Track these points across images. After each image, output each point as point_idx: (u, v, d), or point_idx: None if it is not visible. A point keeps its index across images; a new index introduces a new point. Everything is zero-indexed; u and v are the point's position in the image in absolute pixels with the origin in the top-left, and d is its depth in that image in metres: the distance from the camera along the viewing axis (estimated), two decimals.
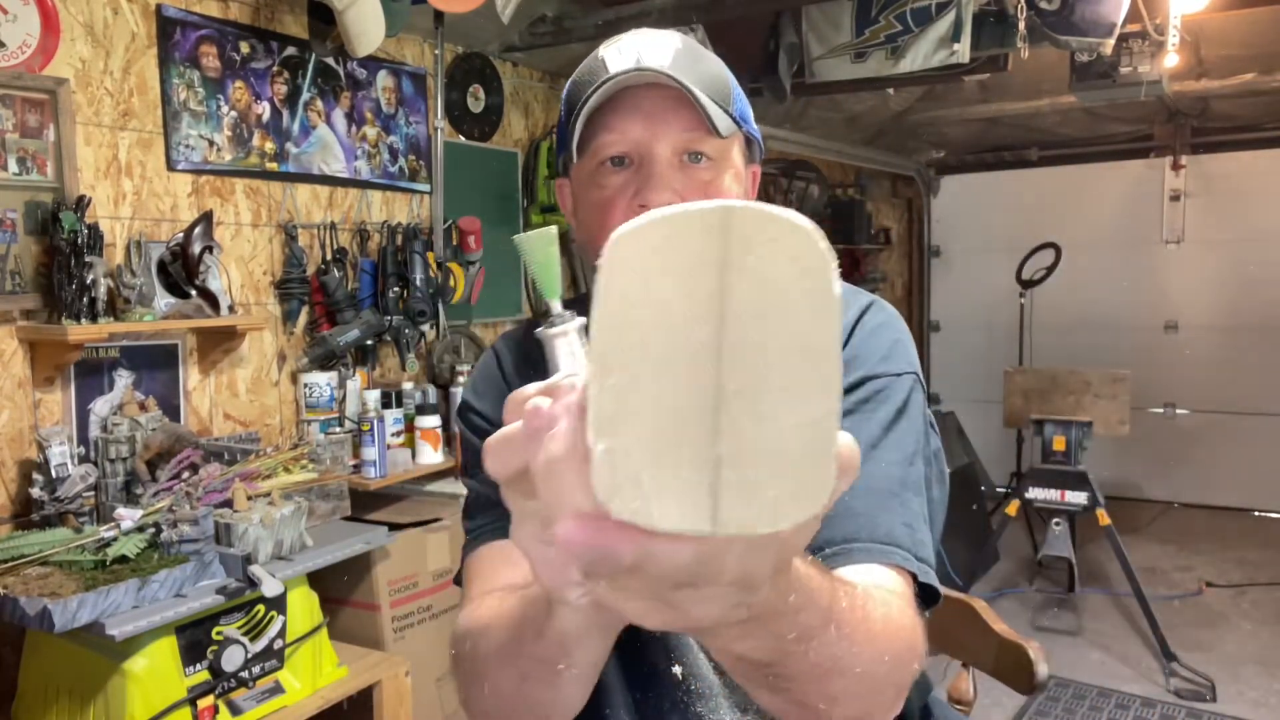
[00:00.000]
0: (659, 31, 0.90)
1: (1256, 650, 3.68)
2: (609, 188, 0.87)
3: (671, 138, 0.85)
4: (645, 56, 0.85)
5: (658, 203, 0.83)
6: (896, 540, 0.78)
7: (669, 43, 0.88)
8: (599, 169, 0.88)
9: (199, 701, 1.85)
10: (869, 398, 0.86)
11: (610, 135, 0.86)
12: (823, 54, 3.36)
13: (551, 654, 0.62)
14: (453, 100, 3.31)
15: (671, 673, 0.92)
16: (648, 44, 0.87)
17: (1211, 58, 4.20)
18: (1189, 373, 5.81)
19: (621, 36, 0.89)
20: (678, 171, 0.86)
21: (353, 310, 2.85)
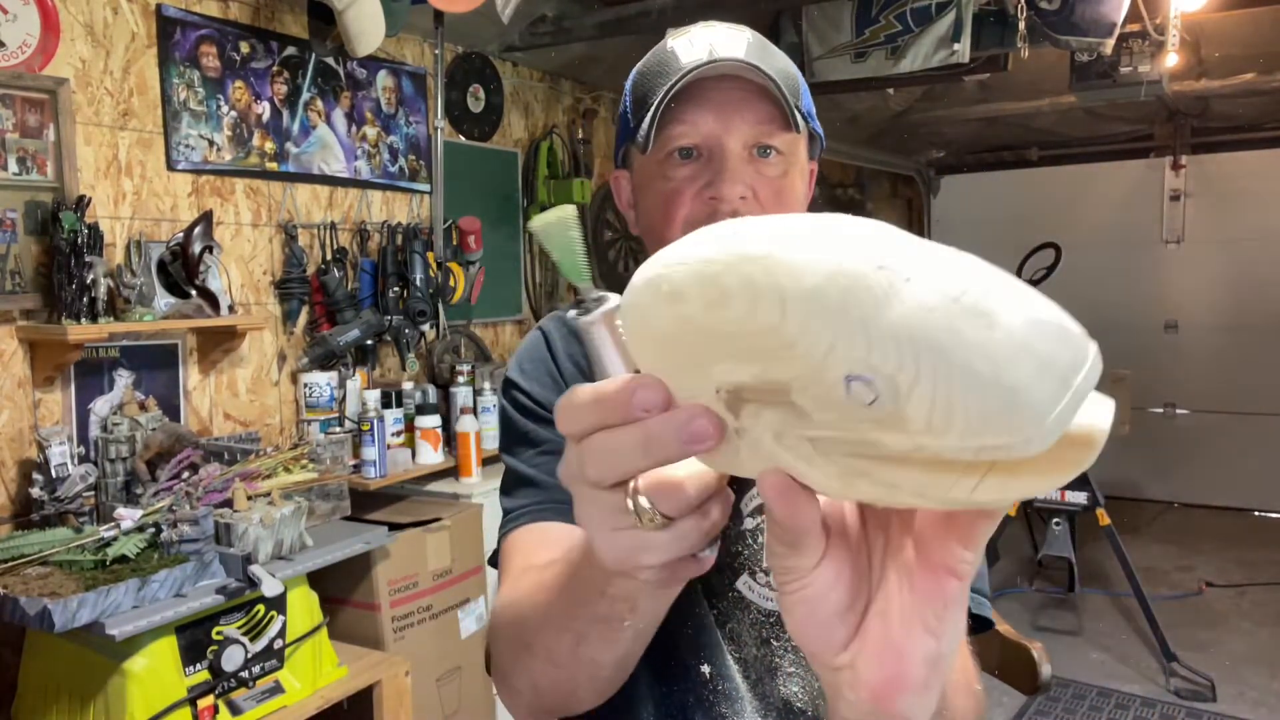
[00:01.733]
0: (728, 25, 0.89)
1: (1256, 650, 3.68)
2: (676, 179, 0.86)
3: (743, 131, 0.84)
4: (718, 48, 0.84)
5: (729, 196, 0.83)
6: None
7: (740, 36, 0.87)
8: (667, 160, 0.86)
9: (199, 701, 1.85)
10: None
11: (681, 127, 0.84)
12: (823, 54, 3.35)
13: (616, 611, 0.60)
14: (453, 100, 3.31)
15: (700, 670, 0.92)
16: (719, 37, 0.86)
17: (1211, 58, 4.20)
18: (1189, 373, 5.81)
19: (689, 28, 0.88)
20: (748, 165, 0.85)
21: (353, 310, 2.85)
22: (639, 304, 0.38)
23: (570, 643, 0.66)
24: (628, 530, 0.44)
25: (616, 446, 0.41)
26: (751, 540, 0.91)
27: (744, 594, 0.91)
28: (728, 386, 0.37)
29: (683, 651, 0.92)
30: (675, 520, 0.43)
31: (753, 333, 0.33)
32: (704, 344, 0.36)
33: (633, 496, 0.43)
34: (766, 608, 0.91)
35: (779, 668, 0.91)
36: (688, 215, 0.85)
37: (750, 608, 0.91)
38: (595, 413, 0.41)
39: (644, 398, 0.39)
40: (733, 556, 0.91)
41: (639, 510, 0.43)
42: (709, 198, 0.84)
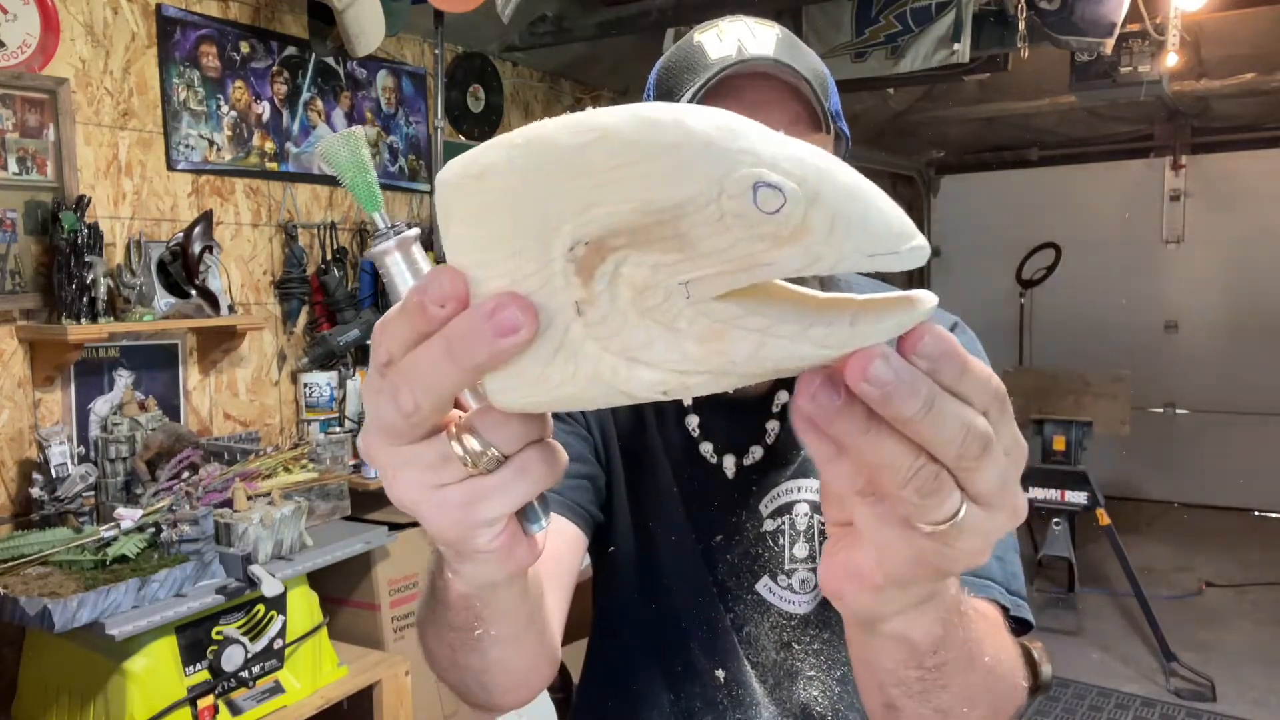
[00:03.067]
0: (757, 19, 0.86)
1: (1256, 650, 3.68)
2: None
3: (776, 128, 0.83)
4: (748, 45, 0.82)
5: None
6: (990, 575, 0.79)
7: (769, 31, 0.85)
8: None
9: (199, 701, 1.85)
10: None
11: None
12: (823, 54, 3.35)
13: (464, 620, 0.56)
14: (453, 100, 3.31)
15: (714, 675, 0.91)
16: (748, 32, 0.84)
17: (1211, 58, 4.20)
18: (1189, 373, 5.81)
19: (718, 22, 0.86)
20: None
21: (353, 310, 2.85)
22: (460, 181, 0.34)
23: (447, 653, 0.63)
24: (458, 483, 0.38)
25: (419, 362, 0.36)
26: (772, 542, 0.90)
27: (764, 597, 0.90)
28: (588, 238, 0.33)
29: (696, 656, 0.92)
30: (512, 455, 0.38)
31: (645, 158, 0.32)
32: (553, 198, 0.33)
33: (457, 439, 0.38)
34: (788, 610, 0.90)
35: (799, 672, 0.90)
36: None
37: (770, 610, 0.90)
38: (404, 326, 0.36)
39: (436, 289, 0.35)
40: (752, 559, 0.90)
41: (468, 452, 0.38)
42: None
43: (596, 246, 0.34)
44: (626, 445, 0.94)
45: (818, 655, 0.90)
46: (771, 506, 0.90)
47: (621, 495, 0.94)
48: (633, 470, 0.94)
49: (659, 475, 0.93)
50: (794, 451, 0.90)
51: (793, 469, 0.90)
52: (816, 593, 0.89)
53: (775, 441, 0.91)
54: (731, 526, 0.91)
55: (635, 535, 0.94)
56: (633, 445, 0.94)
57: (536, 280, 0.34)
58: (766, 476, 0.91)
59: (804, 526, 0.89)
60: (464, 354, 0.35)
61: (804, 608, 0.90)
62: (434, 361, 0.35)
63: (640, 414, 0.95)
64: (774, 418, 0.91)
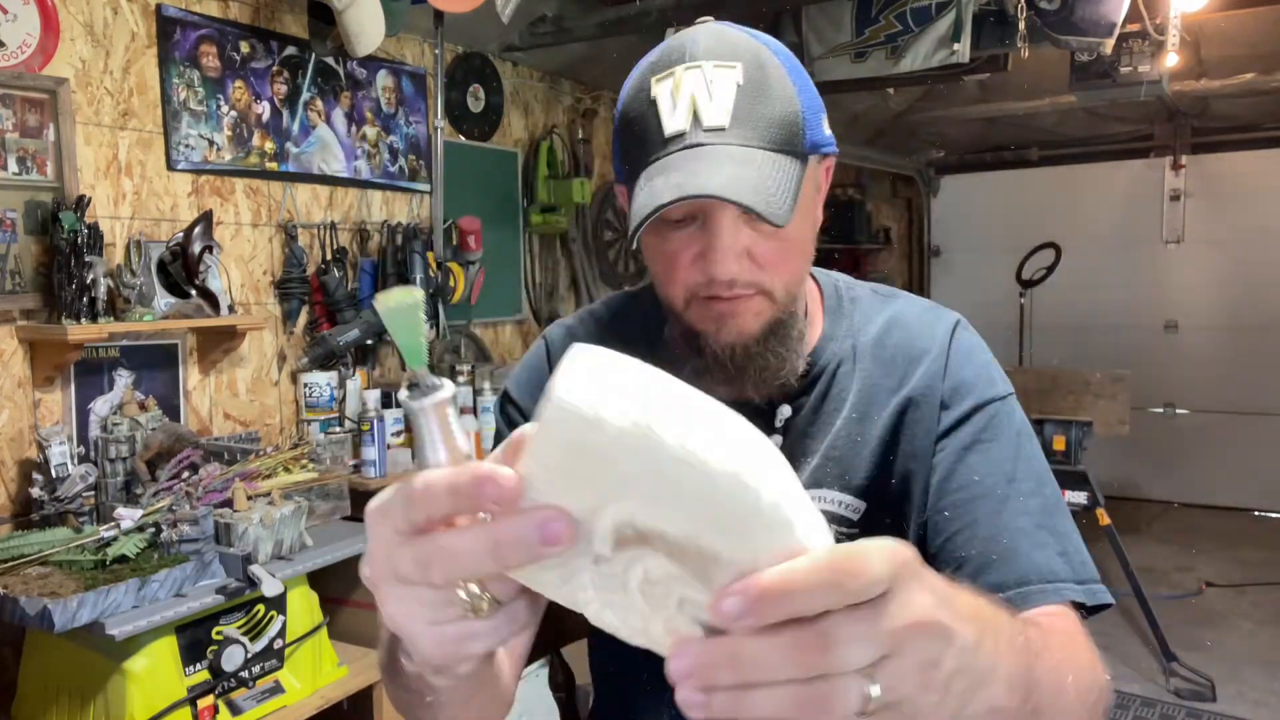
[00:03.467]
0: (717, 69, 0.79)
1: (1256, 650, 3.68)
2: (673, 241, 0.83)
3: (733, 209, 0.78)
4: (702, 114, 0.78)
5: (723, 275, 0.80)
6: (1058, 574, 0.80)
7: (727, 88, 0.79)
8: (661, 222, 0.81)
9: (199, 701, 1.85)
10: (986, 426, 0.86)
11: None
12: (823, 54, 3.36)
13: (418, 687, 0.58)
14: (453, 100, 3.31)
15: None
16: (704, 90, 0.79)
17: (1211, 58, 4.20)
18: (1189, 373, 5.81)
19: (675, 71, 0.80)
20: (743, 229, 0.80)
21: (353, 310, 2.85)
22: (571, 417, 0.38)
23: (401, 696, 0.66)
24: (454, 622, 0.43)
25: (460, 548, 0.40)
26: None
27: None
28: (639, 528, 0.39)
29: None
30: (505, 604, 0.43)
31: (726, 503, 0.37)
32: (635, 481, 0.38)
33: (464, 587, 0.42)
34: None
35: None
36: (685, 280, 0.83)
37: None
38: (449, 501, 0.40)
39: (496, 490, 0.39)
40: None
41: (470, 597, 0.42)
42: (705, 276, 0.81)
43: (641, 535, 0.39)
44: None
45: None
46: None
47: None
48: None
49: None
50: (800, 460, 0.91)
51: (805, 480, 0.90)
52: None
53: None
54: None
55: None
56: None
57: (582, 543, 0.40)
58: None
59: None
60: (507, 554, 0.39)
61: None
62: (475, 552, 0.39)
63: None
64: (776, 431, 0.92)
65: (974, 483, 0.84)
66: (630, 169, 0.83)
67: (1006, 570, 0.79)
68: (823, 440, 0.90)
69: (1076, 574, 0.80)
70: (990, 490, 0.83)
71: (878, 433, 0.89)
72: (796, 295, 0.88)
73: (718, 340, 0.84)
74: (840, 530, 0.89)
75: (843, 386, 0.91)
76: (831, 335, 0.94)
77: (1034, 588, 0.78)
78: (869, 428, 0.90)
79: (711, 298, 0.83)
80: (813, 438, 0.91)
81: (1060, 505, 0.85)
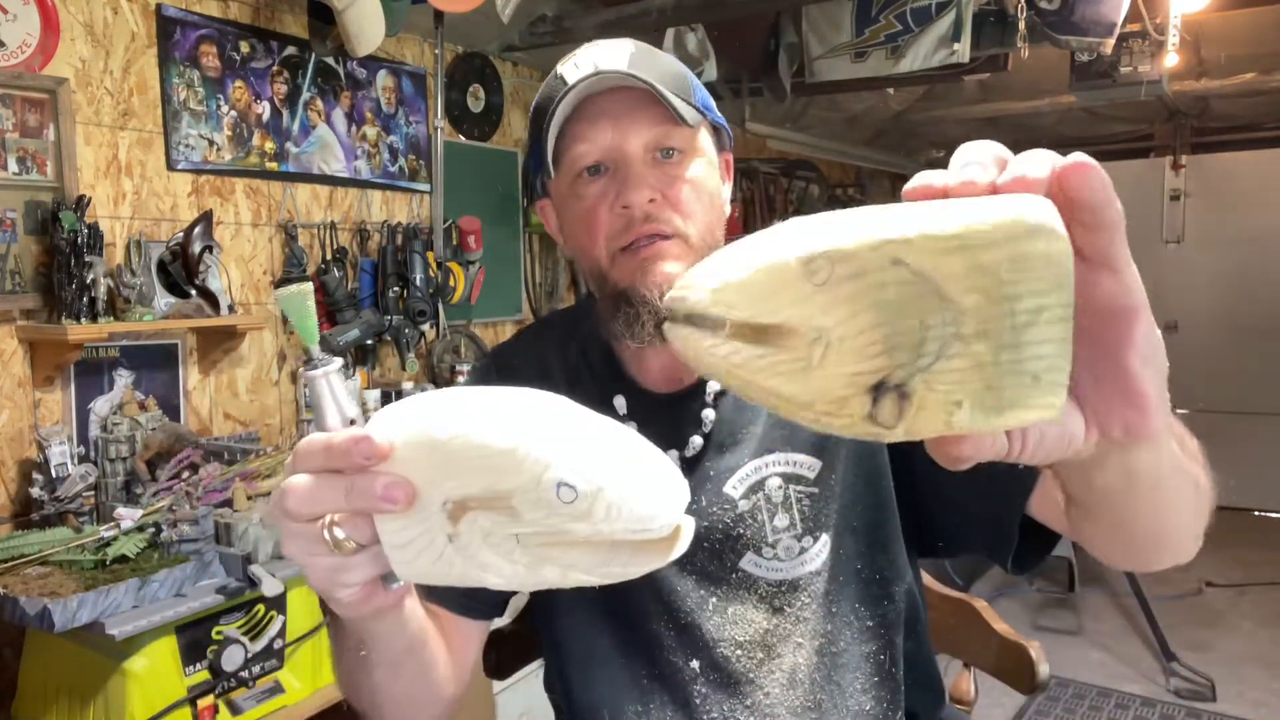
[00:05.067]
0: (610, 40, 0.91)
1: (1256, 650, 3.68)
2: (589, 197, 0.89)
3: (641, 135, 0.87)
4: (602, 63, 0.87)
5: (637, 201, 0.86)
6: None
7: (622, 48, 0.89)
8: (576, 181, 0.89)
9: (199, 701, 1.85)
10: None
11: (581, 145, 0.87)
12: (823, 54, 3.35)
13: (353, 642, 0.70)
14: (453, 100, 3.31)
15: (690, 667, 0.92)
16: (601, 52, 0.89)
17: (1211, 58, 4.20)
18: (1189, 373, 5.81)
19: (575, 51, 0.91)
20: (652, 169, 0.88)
21: (353, 310, 2.85)
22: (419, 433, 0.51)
23: (346, 673, 0.78)
24: (326, 556, 0.53)
25: (322, 487, 0.52)
26: (751, 519, 0.92)
27: (750, 571, 0.92)
28: (455, 499, 0.50)
29: (664, 657, 0.93)
30: (368, 546, 0.53)
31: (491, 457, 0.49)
32: (436, 470, 0.50)
33: (329, 529, 0.53)
34: (776, 579, 0.92)
35: (789, 635, 0.91)
36: (606, 230, 0.88)
37: (758, 583, 0.92)
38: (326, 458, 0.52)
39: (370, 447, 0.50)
40: (734, 540, 0.92)
41: (335, 540, 0.53)
42: (620, 208, 0.87)
43: (460, 505, 0.50)
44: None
45: (805, 622, 0.92)
46: (742, 488, 0.93)
47: None
48: None
49: None
50: (740, 431, 0.94)
51: (753, 448, 0.93)
52: (802, 558, 0.92)
53: (713, 429, 0.94)
54: (699, 514, 0.92)
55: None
56: None
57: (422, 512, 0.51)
58: (720, 460, 0.94)
59: (780, 499, 0.92)
60: (356, 499, 0.50)
61: (791, 573, 0.92)
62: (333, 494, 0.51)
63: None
64: (708, 406, 0.95)
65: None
66: (543, 132, 0.88)
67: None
68: (757, 408, 0.92)
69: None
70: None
71: None
72: (714, 248, 0.90)
73: (646, 287, 0.87)
74: (799, 489, 0.92)
75: None
76: None
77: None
78: None
79: (631, 247, 0.87)
80: (746, 408, 0.94)
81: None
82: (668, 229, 0.87)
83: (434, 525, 0.51)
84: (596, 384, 0.99)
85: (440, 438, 0.50)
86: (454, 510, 0.50)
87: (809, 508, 0.92)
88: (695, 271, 0.46)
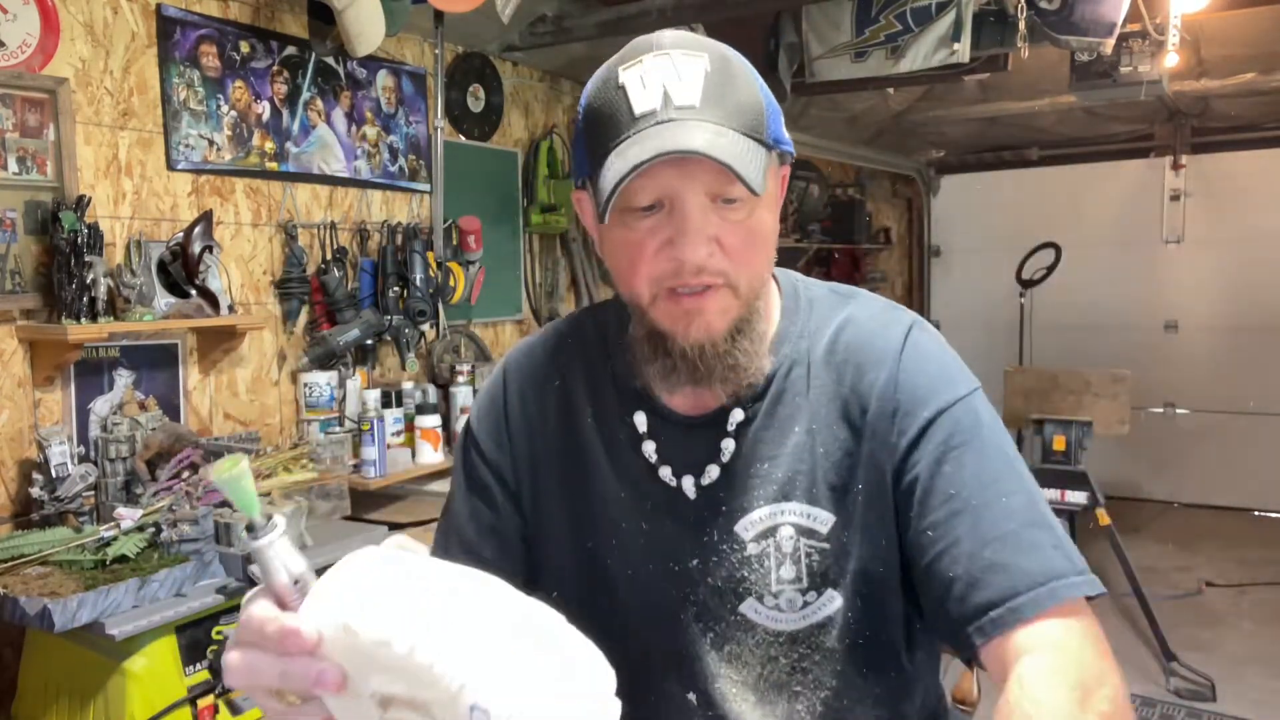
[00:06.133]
0: (685, 57, 0.80)
1: (1257, 650, 3.68)
2: (639, 230, 0.81)
3: (704, 182, 0.79)
4: (673, 93, 0.78)
5: (693, 258, 0.79)
6: (1055, 572, 0.78)
7: (696, 73, 0.79)
8: (627, 213, 0.81)
9: (199, 701, 1.85)
10: (953, 431, 0.84)
11: (637, 181, 0.78)
12: (823, 53, 3.35)
13: None
14: (453, 100, 3.31)
15: (686, 699, 0.91)
16: (674, 73, 0.79)
17: (1211, 58, 4.20)
18: (1189, 373, 5.81)
19: (643, 59, 0.81)
20: (711, 215, 0.80)
21: (353, 310, 2.85)
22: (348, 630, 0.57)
23: None
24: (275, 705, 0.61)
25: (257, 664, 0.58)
26: (758, 565, 0.88)
27: (749, 617, 0.89)
28: (381, 693, 0.57)
29: (665, 683, 0.91)
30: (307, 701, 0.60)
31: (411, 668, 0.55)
32: (369, 663, 0.57)
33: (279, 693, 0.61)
34: (775, 628, 0.89)
35: (785, 684, 0.89)
36: (651, 270, 0.82)
37: (756, 629, 0.89)
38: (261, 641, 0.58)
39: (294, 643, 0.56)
40: (737, 582, 0.89)
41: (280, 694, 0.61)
42: (672, 258, 0.80)
43: (385, 699, 0.57)
44: (570, 480, 0.96)
45: (805, 673, 0.89)
46: (754, 531, 0.89)
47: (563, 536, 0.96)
48: (578, 503, 0.95)
49: (614, 506, 0.93)
50: (757, 466, 0.89)
51: (772, 492, 0.89)
52: (804, 612, 0.88)
53: (731, 460, 0.90)
54: (707, 548, 0.89)
55: (585, 570, 0.95)
56: (578, 480, 0.95)
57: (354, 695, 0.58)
58: (735, 495, 0.89)
59: (789, 549, 0.88)
60: (290, 682, 0.58)
61: (791, 625, 0.89)
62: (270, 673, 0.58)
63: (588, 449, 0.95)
64: (729, 436, 0.90)
65: (951, 497, 0.82)
66: (596, 156, 0.82)
67: (993, 587, 0.78)
68: (778, 447, 0.89)
69: (1071, 568, 0.79)
70: (967, 503, 0.81)
71: (836, 444, 0.88)
72: (760, 293, 0.87)
73: (686, 339, 0.83)
74: (811, 543, 0.88)
75: (797, 391, 0.90)
76: (785, 336, 0.92)
77: (1025, 598, 0.76)
78: (826, 438, 0.88)
79: (678, 292, 0.81)
80: (766, 443, 0.89)
81: (1038, 494, 0.84)
82: (719, 280, 0.81)
83: (366, 707, 0.58)
84: (619, 397, 0.94)
85: (365, 640, 0.56)
86: (383, 701, 0.57)
87: (818, 562, 0.88)
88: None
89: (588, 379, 0.97)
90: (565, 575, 0.96)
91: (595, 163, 0.81)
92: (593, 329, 1.01)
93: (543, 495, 0.97)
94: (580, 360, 0.99)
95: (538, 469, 0.97)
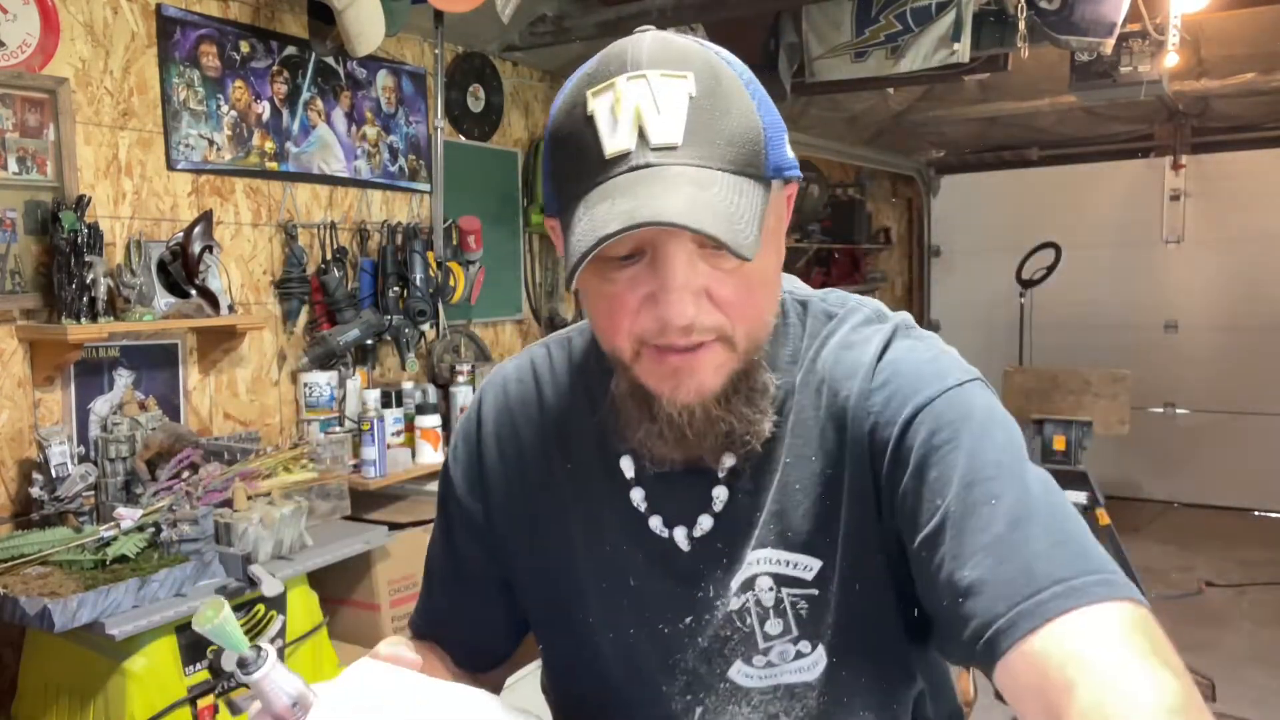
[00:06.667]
0: (664, 80, 0.68)
1: (1256, 650, 3.68)
2: (617, 282, 0.70)
3: (689, 235, 0.67)
4: (650, 129, 0.66)
5: (679, 319, 0.68)
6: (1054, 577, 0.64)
7: (677, 100, 0.67)
8: (603, 259, 0.69)
9: (199, 701, 1.85)
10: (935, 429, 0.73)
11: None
12: (823, 53, 3.35)
13: None
14: (453, 100, 3.31)
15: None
16: (650, 108, 0.67)
17: (1211, 58, 4.20)
18: (1189, 373, 5.81)
19: (615, 83, 0.68)
20: (699, 264, 0.69)
21: (353, 310, 2.85)
22: None
23: None
24: None
25: None
26: (740, 622, 0.80)
27: (739, 682, 0.81)
28: None
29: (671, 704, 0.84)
30: None
31: None
32: None
33: None
34: (769, 685, 0.81)
35: None
36: (633, 329, 0.71)
37: (750, 693, 0.81)
38: None
39: None
40: (721, 643, 0.81)
41: None
42: (655, 316, 0.69)
43: None
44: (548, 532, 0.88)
45: None
46: (734, 584, 0.80)
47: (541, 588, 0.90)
48: (559, 556, 0.87)
49: (598, 560, 0.84)
50: (749, 516, 0.80)
51: (752, 539, 0.79)
52: (798, 663, 0.80)
53: (724, 510, 0.80)
54: (700, 605, 0.81)
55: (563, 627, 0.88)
56: (558, 532, 0.87)
57: None
58: (729, 547, 0.80)
59: (770, 602, 0.79)
60: None
61: (785, 679, 0.81)
62: None
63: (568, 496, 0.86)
64: (720, 484, 0.80)
65: (936, 508, 0.70)
66: (564, 198, 0.71)
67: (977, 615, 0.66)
68: (766, 494, 0.79)
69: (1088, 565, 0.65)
70: (948, 514, 0.69)
71: (813, 479, 0.78)
72: (760, 343, 0.75)
73: (673, 402, 0.73)
74: (795, 592, 0.79)
75: (787, 428, 0.80)
76: (775, 364, 0.80)
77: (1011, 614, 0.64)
78: (803, 474, 0.79)
79: (664, 348, 0.71)
80: (760, 491, 0.80)
81: (1042, 487, 0.70)
82: (710, 337, 0.70)
83: None
84: (605, 440, 0.83)
85: None
86: None
87: (808, 611, 0.79)
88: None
89: (568, 419, 0.87)
90: (548, 630, 0.92)
91: (564, 206, 0.71)
92: (596, 357, 0.88)
93: (519, 545, 0.89)
94: (559, 398, 0.89)
95: (515, 518, 0.89)
